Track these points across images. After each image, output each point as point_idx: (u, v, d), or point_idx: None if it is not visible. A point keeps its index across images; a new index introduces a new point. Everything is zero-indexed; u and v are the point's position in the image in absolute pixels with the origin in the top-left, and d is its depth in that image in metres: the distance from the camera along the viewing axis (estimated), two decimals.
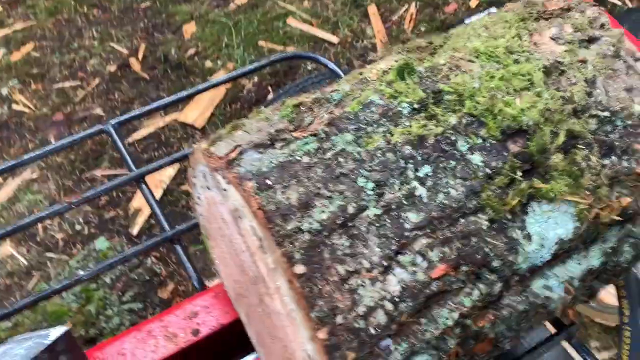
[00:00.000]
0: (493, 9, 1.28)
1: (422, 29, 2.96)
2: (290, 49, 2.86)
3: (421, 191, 0.59)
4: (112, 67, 2.91)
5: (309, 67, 2.81)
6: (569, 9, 0.78)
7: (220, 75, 2.80)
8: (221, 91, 2.75)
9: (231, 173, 0.59)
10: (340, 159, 0.59)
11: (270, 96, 2.74)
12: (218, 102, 2.74)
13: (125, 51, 2.98)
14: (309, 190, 0.57)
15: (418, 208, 0.58)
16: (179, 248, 0.99)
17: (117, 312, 2.06)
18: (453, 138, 0.62)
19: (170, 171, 2.50)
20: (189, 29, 3.05)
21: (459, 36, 0.76)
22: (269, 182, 0.57)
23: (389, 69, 0.69)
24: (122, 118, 1.10)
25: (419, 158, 0.61)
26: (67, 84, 2.88)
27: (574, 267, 0.66)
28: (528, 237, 0.61)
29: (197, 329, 0.83)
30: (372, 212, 0.57)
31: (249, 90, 2.75)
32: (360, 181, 0.58)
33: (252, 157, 0.60)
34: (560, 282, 0.66)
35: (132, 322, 2.07)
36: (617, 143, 0.67)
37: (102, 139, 2.58)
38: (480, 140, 0.63)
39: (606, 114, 0.67)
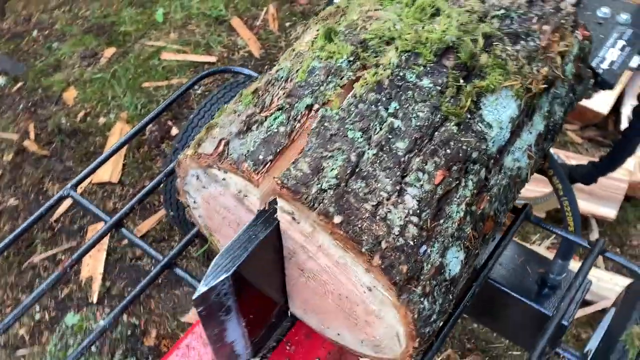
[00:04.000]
0: None
1: (287, 24, 3.04)
2: (174, 82, 2.84)
3: (398, 123, 0.67)
4: (8, 157, 2.76)
5: (198, 92, 2.81)
6: None
7: (118, 127, 2.74)
8: None
9: (226, 162, 0.65)
10: (326, 124, 0.65)
11: (174, 130, 2.71)
12: (125, 153, 2.68)
13: (15, 137, 2.82)
14: (314, 157, 0.63)
15: (402, 136, 0.66)
16: (178, 270, 1.01)
17: None
18: (401, 74, 0.70)
19: None
20: (70, 94, 2.94)
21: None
22: (260, 156, 0.64)
23: (315, 38, 0.76)
24: (78, 178, 1.12)
25: (384, 99, 0.68)
26: None
27: (528, 136, 0.77)
28: (489, 125, 0.71)
29: None
30: (370, 153, 0.64)
31: (151, 130, 2.71)
32: (350, 134, 0.65)
33: (237, 144, 0.67)
34: (523, 152, 0.76)
35: None
36: (519, 30, 0.78)
37: (17, 226, 2.46)
38: (422, 68, 0.71)
39: (502, 11, 0.78)
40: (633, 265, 0.90)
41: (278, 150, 0.65)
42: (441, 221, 0.65)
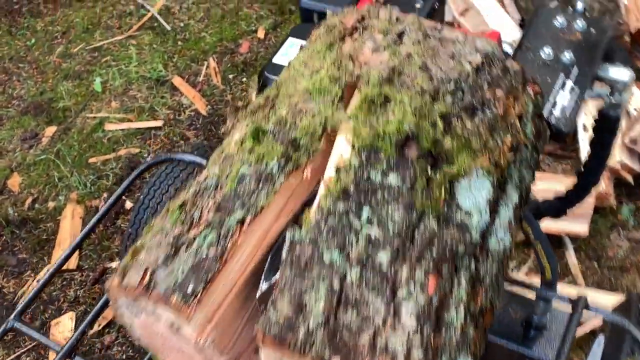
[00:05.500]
0: (294, 40, 1.34)
1: (230, 76, 2.99)
2: (122, 152, 2.74)
3: (374, 232, 0.61)
4: None
5: (149, 158, 2.72)
6: (363, 18, 0.84)
7: (69, 209, 2.60)
8: (76, 223, 2.56)
9: (153, 297, 0.60)
10: (298, 249, 0.60)
11: (128, 204, 2.60)
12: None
13: None
14: (292, 292, 0.57)
15: (382, 246, 0.61)
16: None
17: None
18: (365, 175, 0.65)
19: (70, 324, 2.28)
20: (14, 181, 2.79)
21: (287, 81, 0.79)
22: (190, 288, 0.60)
23: (244, 137, 0.72)
24: (22, 306, 1.07)
25: (354, 207, 0.63)
26: None
27: (506, 212, 0.73)
28: (468, 213, 0.66)
29: None
30: (353, 275, 0.58)
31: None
32: (326, 256, 0.59)
33: (164, 274, 0.62)
34: (505, 230, 0.72)
35: None
36: (474, 101, 0.74)
37: None
38: (385, 164, 0.66)
39: (452, 85, 0.74)
40: (617, 317, 0.88)
41: (209, 277, 0.61)
42: (443, 333, 0.59)
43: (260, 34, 3.23)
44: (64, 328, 2.26)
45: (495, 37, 0.93)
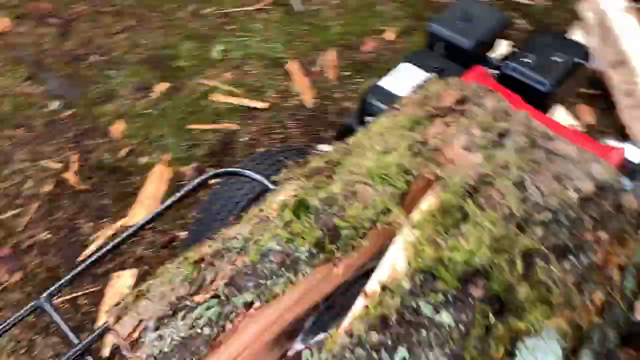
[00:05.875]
0: (407, 65, 1.26)
1: (346, 73, 2.95)
2: (224, 126, 2.80)
3: None
4: (48, 187, 2.78)
5: (244, 139, 2.75)
6: (464, 100, 0.75)
7: (157, 170, 2.70)
8: (162, 185, 2.65)
9: (134, 357, 0.60)
10: None
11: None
12: (162, 197, 2.64)
13: (57, 166, 2.85)
14: None
15: None
16: None
17: None
18: (414, 304, 0.58)
19: (129, 281, 2.39)
20: (118, 127, 2.95)
21: (355, 149, 0.74)
22: None
23: (287, 204, 0.68)
24: (52, 289, 1.08)
25: (389, 341, 0.56)
26: (6, 215, 2.73)
27: None
28: None
29: None
30: None
31: (191, 177, 2.67)
32: None
33: (153, 337, 0.61)
34: None
35: None
36: (568, 242, 0.63)
37: (46, 261, 2.45)
38: (441, 297, 0.58)
39: (547, 215, 0.64)
40: None
41: None
42: None
43: (390, 35, 3.15)
44: (122, 283, 2.37)
45: (619, 157, 0.80)
